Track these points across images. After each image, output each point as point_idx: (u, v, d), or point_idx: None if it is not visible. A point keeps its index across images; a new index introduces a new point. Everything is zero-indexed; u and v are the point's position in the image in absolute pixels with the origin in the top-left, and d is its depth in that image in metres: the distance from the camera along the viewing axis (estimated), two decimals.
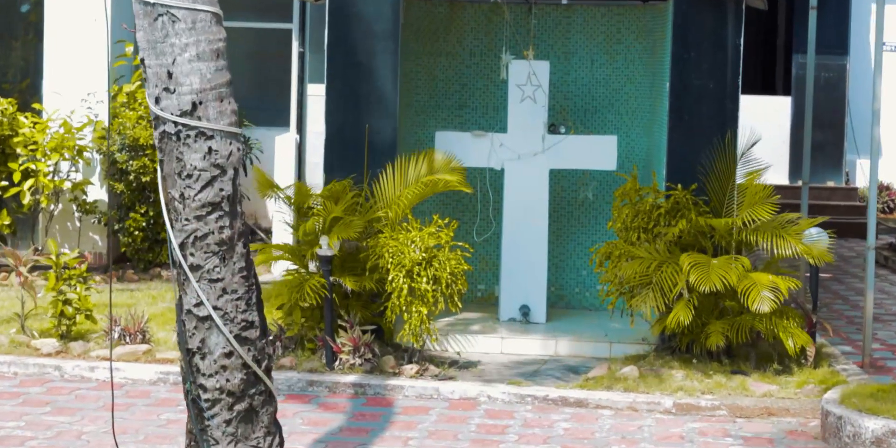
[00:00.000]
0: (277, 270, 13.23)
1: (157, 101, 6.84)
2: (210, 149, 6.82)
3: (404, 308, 10.33)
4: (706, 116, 11.03)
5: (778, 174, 19.95)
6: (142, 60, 6.91)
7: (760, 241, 10.50)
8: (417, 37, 12.28)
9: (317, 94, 14.57)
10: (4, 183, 14.18)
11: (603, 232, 12.43)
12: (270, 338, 10.28)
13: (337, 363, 10.38)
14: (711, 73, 11.04)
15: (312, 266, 10.84)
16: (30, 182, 14.03)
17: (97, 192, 14.54)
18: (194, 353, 6.88)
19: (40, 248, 13.87)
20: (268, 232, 15.19)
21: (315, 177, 13.90)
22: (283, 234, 13.96)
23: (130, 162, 14.01)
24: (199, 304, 6.85)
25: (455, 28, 12.41)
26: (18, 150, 14.07)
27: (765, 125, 15.89)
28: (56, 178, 14.22)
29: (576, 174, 12.41)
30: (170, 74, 6.82)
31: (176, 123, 6.79)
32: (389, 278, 10.33)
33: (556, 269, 12.49)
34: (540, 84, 11.63)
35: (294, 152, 15.13)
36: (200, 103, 6.82)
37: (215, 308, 6.84)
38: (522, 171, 11.73)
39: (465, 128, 12.32)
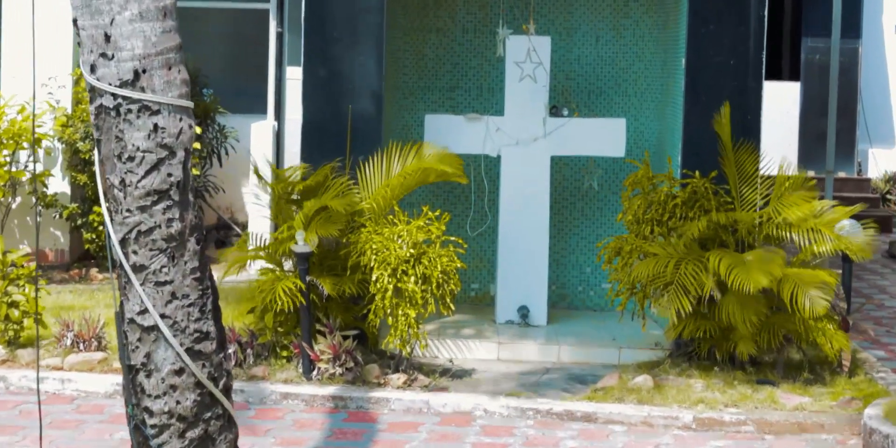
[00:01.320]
0: (255, 268, 12.09)
1: (93, 69, 5.81)
2: (156, 126, 5.77)
3: (390, 311, 9.22)
4: (726, 97, 9.93)
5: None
6: (74, 21, 5.83)
7: (793, 235, 9.40)
8: (405, 11, 11.17)
9: (296, 77, 13.45)
10: None
11: (609, 225, 11.34)
12: (231, 350, 9.15)
13: (315, 373, 9.28)
14: (733, 49, 9.99)
15: (289, 264, 9.73)
16: None
17: (59, 185, 13.39)
18: (138, 371, 5.87)
19: None
20: (245, 226, 14.08)
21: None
22: (260, 228, 12.82)
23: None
24: (144, 311, 5.82)
25: (447, 1, 11.29)
26: None
27: (771, 112, 15.04)
28: (13, 169, 13.04)
29: (580, 161, 11.33)
30: (107, 37, 5.77)
31: (115, 96, 5.75)
32: (373, 278, 9.22)
33: (557, 265, 11.40)
34: (540, 62, 10.53)
35: (272, 141, 14.01)
36: (144, 72, 5.78)
37: (163, 316, 5.81)
38: (521, 158, 10.64)
39: (457, 111, 11.25)
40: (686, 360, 9.67)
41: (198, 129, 13.48)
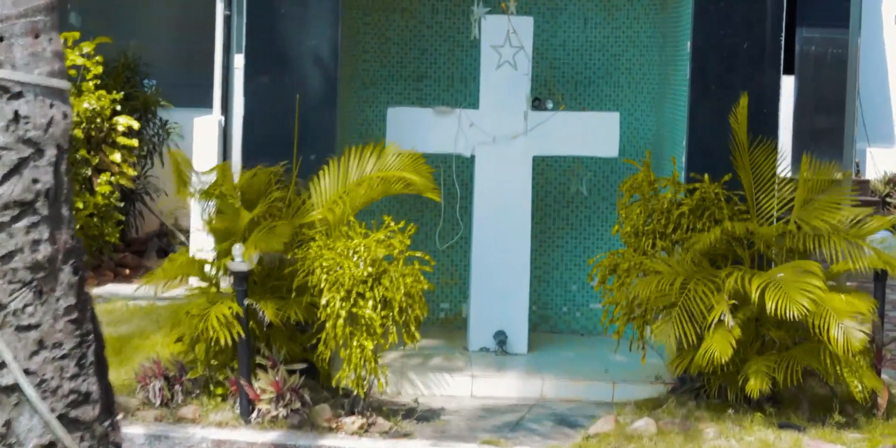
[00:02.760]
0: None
1: None
2: (16, 114, 4.32)
3: (342, 342, 7.71)
4: (739, 86, 8.49)
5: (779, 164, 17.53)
6: None
7: (823, 249, 7.94)
8: None
9: None
10: None
11: (599, 236, 9.88)
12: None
13: (255, 415, 7.77)
14: (746, 29, 8.55)
15: (227, 282, 8.21)
16: None
17: None
18: None
19: None
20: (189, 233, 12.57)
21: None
22: (204, 236, 11.28)
23: None
24: (1, 366, 4.27)
25: None
26: None
27: None
28: None
29: (566, 162, 9.83)
30: None
31: None
32: (323, 302, 7.71)
33: (539, 283, 9.92)
34: (522, 46, 9.04)
35: (218, 138, 12.46)
36: (1, 40, 4.23)
37: (27, 372, 4.31)
38: (498, 158, 9.17)
39: (426, 103, 9.79)
40: (693, 398, 8.20)
41: (136, 125, 12.03)
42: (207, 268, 8.31)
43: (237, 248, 7.82)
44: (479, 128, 9.17)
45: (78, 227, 11.61)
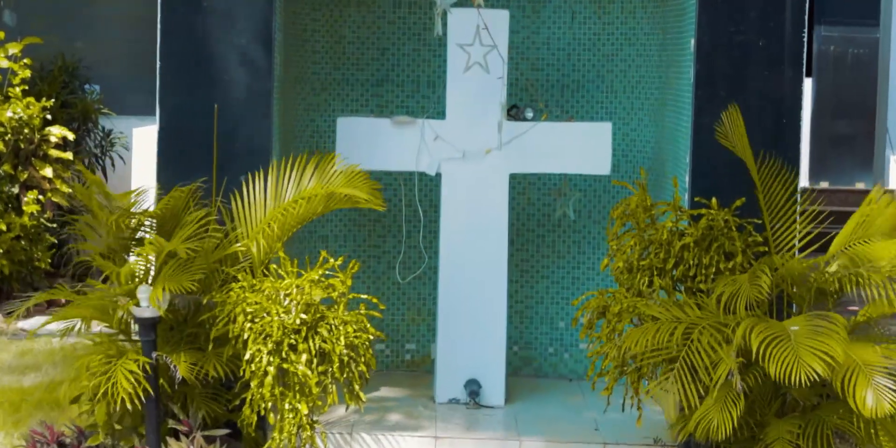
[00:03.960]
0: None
1: None
2: None
3: (270, 405, 6.32)
4: (754, 91, 7.14)
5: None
6: None
7: (859, 289, 6.55)
8: None
9: None
10: None
11: (591, 265, 8.56)
12: None
13: None
14: (760, 24, 7.16)
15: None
16: None
17: None
18: None
19: None
20: None
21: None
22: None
23: None
24: None
25: None
26: None
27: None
28: None
29: (551, 180, 8.42)
30: None
31: None
32: (247, 356, 6.32)
33: (520, 319, 8.56)
34: (494, 44, 7.65)
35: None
36: None
37: None
38: (469, 176, 7.80)
39: (386, 111, 8.43)
40: None
41: (71, 135, 10.70)
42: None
43: (142, 290, 6.45)
44: (445, 141, 7.78)
45: (2, 251, 10.26)
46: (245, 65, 7.21)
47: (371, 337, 6.49)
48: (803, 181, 16.90)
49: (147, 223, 7.05)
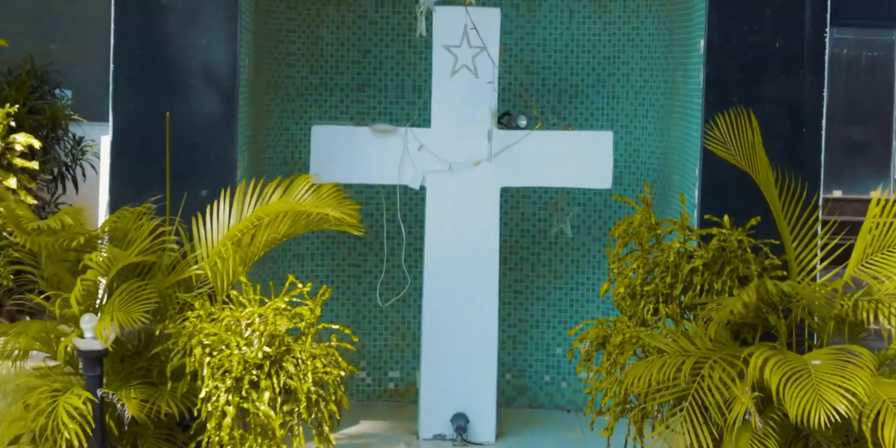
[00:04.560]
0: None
1: None
2: None
3: None
4: (770, 97, 6.54)
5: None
6: None
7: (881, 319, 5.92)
8: None
9: None
10: None
11: (591, 285, 7.99)
12: None
13: None
14: (777, 22, 6.59)
15: None
16: None
17: None
18: None
19: None
20: None
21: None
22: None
23: None
24: None
25: None
26: None
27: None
28: None
29: (545, 195, 7.87)
30: None
31: None
32: (203, 394, 5.66)
33: (514, 345, 7.97)
34: (484, 46, 7.08)
35: None
36: None
37: None
38: (456, 190, 7.28)
39: (367, 119, 7.81)
40: None
41: (37, 143, 10.07)
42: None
43: (86, 320, 5.79)
44: (430, 151, 7.18)
45: None
46: (207, 70, 6.59)
47: (342, 373, 5.83)
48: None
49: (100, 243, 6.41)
